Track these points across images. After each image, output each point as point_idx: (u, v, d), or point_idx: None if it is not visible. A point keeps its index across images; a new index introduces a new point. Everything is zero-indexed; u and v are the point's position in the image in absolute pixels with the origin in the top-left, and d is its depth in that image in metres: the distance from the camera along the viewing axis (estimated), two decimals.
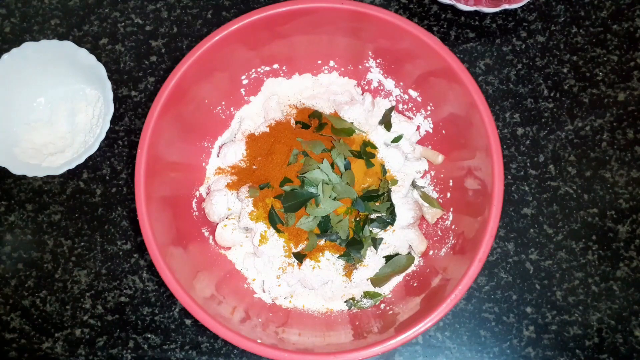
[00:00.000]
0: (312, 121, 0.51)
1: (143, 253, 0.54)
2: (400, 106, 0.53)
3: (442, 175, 0.51)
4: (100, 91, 0.54)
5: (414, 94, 0.51)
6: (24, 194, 0.55)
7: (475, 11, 0.55)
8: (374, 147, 0.50)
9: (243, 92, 0.53)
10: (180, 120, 0.48)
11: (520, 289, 0.52)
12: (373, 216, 0.48)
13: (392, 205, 0.48)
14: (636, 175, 0.54)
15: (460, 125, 0.47)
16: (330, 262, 0.47)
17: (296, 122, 0.51)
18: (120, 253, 0.54)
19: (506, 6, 0.54)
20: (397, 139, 0.51)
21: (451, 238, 0.47)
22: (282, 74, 0.53)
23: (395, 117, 0.52)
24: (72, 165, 0.51)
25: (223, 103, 0.52)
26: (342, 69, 0.54)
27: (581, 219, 0.53)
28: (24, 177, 0.55)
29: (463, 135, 0.47)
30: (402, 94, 0.52)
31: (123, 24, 0.59)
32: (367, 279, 0.48)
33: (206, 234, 0.50)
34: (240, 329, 0.42)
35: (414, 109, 0.52)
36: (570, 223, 0.53)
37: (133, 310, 0.53)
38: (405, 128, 0.52)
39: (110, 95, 0.52)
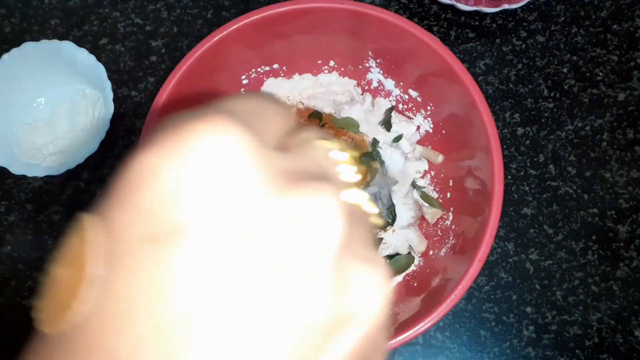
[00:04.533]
0: (312, 121, 0.51)
1: None
2: (400, 106, 0.53)
3: (442, 175, 0.51)
4: (100, 91, 0.54)
5: (414, 94, 0.51)
6: (24, 194, 0.55)
7: (475, 11, 0.55)
8: (379, 147, 0.50)
9: (243, 92, 0.53)
10: None
11: (520, 289, 0.52)
12: None
13: (392, 205, 0.48)
14: (636, 175, 0.54)
15: (460, 125, 0.47)
16: None
17: None
18: None
19: (506, 6, 0.54)
20: (397, 139, 0.51)
21: (451, 238, 0.47)
22: (282, 74, 0.53)
23: (395, 117, 0.52)
24: (72, 165, 0.51)
25: None
26: (342, 69, 0.54)
27: (581, 219, 0.53)
28: (24, 177, 0.55)
29: (463, 135, 0.47)
30: (402, 94, 0.52)
31: (123, 24, 0.59)
32: None
33: None
34: None
35: (414, 109, 0.52)
36: (570, 223, 0.53)
37: None
38: (405, 128, 0.52)
39: (110, 95, 0.52)
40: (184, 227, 0.12)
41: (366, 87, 0.54)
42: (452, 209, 0.49)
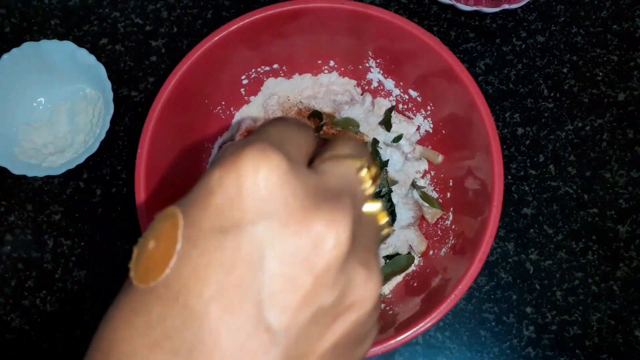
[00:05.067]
0: (312, 121, 0.51)
1: None
2: (400, 106, 0.53)
3: (442, 175, 0.51)
4: (100, 91, 0.54)
5: (414, 94, 0.51)
6: (24, 194, 0.55)
7: (475, 11, 0.55)
8: (379, 147, 0.50)
9: (243, 92, 0.53)
10: (180, 120, 0.48)
11: (520, 289, 0.52)
12: None
13: (392, 205, 0.48)
14: (636, 175, 0.54)
15: (460, 125, 0.47)
16: None
17: None
18: (120, 253, 0.54)
19: (506, 6, 0.54)
20: (397, 139, 0.51)
21: (451, 238, 0.47)
22: (282, 74, 0.53)
23: (395, 117, 0.52)
24: (72, 165, 0.51)
25: (223, 103, 0.52)
26: (342, 69, 0.54)
27: (581, 219, 0.53)
28: (24, 177, 0.55)
29: (463, 135, 0.47)
30: (402, 94, 0.52)
31: (123, 24, 0.59)
32: None
33: None
34: None
35: (414, 109, 0.52)
36: (570, 223, 0.53)
37: None
38: (405, 128, 0.52)
39: (110, 95, 0.52)
40: (241, 223, 0.18)
41: (366, 87, 0.54)
42: (452, 209, 0.49)
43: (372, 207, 0.22)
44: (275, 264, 0.18)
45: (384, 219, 0.23)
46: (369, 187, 0.22)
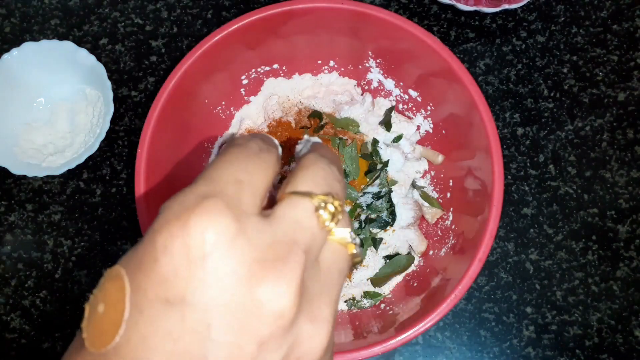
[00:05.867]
0: (312, 121, 0.51)
1: None
2: (400, 106, 0.53)
3: (442, 175, 0.51)
4: (100, 91, 0.54)
5: (414, 94, 0.51)
6: (24, 194, 0.55)
7: (475, 11, 0.55)
8: (379, 147, 0.50)
9: (243, 92, 0.53)
10: (180, 120, 0.48)
11: (520, 289, 0.52)
12: (373, 216, 0.48)
13: (392, 205, 0.48)
14: (636, 175, 0.54)
15: (460, 125, 0.47)
16: None
17: (301, 127, 0.51)
18: (120, 253, 0.54)
19: (506, 6, 0.54)
20: (397, 139, 0.51)
21: (451, 238, 0.47)
22: (282, 74, 0.53)
23: (395, 117, 0.52)
24: (72, 165, 0.51)
25: (223, 103, 0.52)
26: (342, 69, 0.54)
27: (581, 219, 0.53)
28: (24, 177, 0.55)
29: (463, 135, 0.47)
30: (402, 94, 0.52)
31: (123, 24, 0.59)
32: (367, 279, 0.48)
33: None
34: None
35: (414, 109, 0.52)
36: (570, 223, 0.53)
37: None
38: (405, 128, 0.52)
39: (110, 95, 0.52)
40: (186, 293, 0.18)
41: (366, 87, 0.54)
42: (452, 209, 0.49)
43: (341, 238, 0.22)
44: (221, 332, 0.18)
45: (352, 249, 0.22)
46: (330, 225, 0.21)
